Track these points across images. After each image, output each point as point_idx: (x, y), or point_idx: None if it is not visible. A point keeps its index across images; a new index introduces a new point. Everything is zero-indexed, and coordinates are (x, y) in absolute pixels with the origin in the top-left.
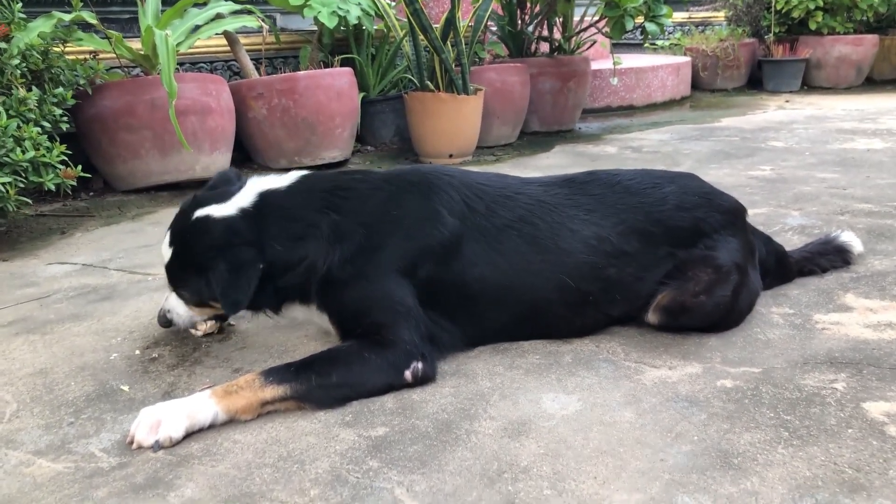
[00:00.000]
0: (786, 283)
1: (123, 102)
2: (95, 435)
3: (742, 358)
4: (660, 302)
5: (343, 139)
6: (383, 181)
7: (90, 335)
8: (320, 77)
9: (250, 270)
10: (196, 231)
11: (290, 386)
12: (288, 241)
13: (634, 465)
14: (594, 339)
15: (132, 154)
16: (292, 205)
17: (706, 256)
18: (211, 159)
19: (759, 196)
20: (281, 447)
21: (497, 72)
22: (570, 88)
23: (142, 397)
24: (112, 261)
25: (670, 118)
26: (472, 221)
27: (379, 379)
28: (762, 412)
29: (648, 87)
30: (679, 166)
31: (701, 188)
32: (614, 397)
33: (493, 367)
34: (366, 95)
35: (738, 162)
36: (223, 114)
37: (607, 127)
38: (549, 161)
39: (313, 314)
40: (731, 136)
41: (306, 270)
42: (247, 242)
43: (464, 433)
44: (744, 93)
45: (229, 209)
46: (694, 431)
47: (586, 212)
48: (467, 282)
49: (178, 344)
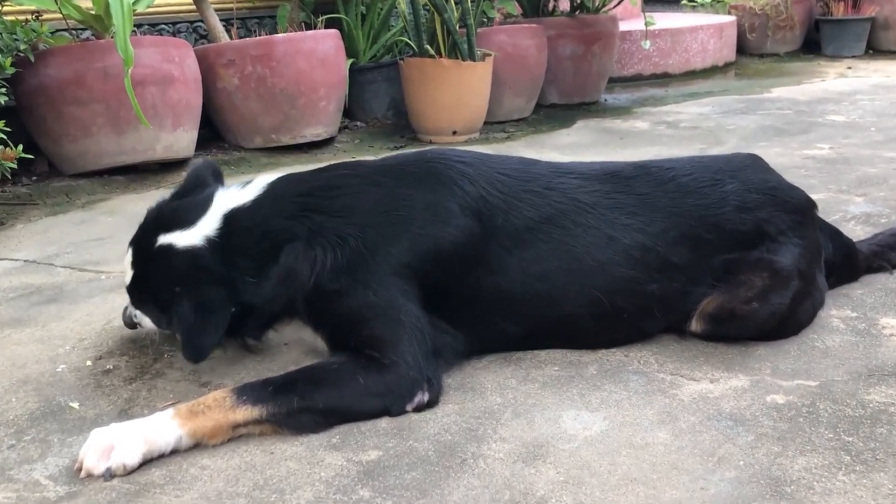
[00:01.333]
0: (851, 283)
1: (71, 71)
2: (40, 460)
3: (796, 369)
4: (705, 308)
5: (328, 114)
6: (379, 173)
7: (33, 343)
8: (301, 41)
9: (219, 314)
10: (159, 261)
11: (267, 407)
12: (261, 267)
13: (670, 495)
14: (623, 347)
15: (82, 131)
16: (259, 221)
17: (763, 259)
18: (174, 137)
19: (815, 179)
20: (257, 474)
21: (509, 34)
22: (594, 53)
23: (94, 416)
24: (59, 256)
25: (712, 88)
26: (490, 221)
27: (373, 406)
28: (819, 433)
29: (686, 52)
30: (722, 145)
31: (766, 182)
32: (646, 415)
33: (505, 380)
34: (355, 62)
35: (792, 140)
36: (188, 84)
37: (638, 98)
38: (570, 139)
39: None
40: (783, 110)
41: (289, 286)
42: (216, 280)
43: (470, 457)
44: (798, 58)
45: (194, 237)
46: (740, 455)
47: (629, 215)
48: (481, 292)
49: (136, 354)
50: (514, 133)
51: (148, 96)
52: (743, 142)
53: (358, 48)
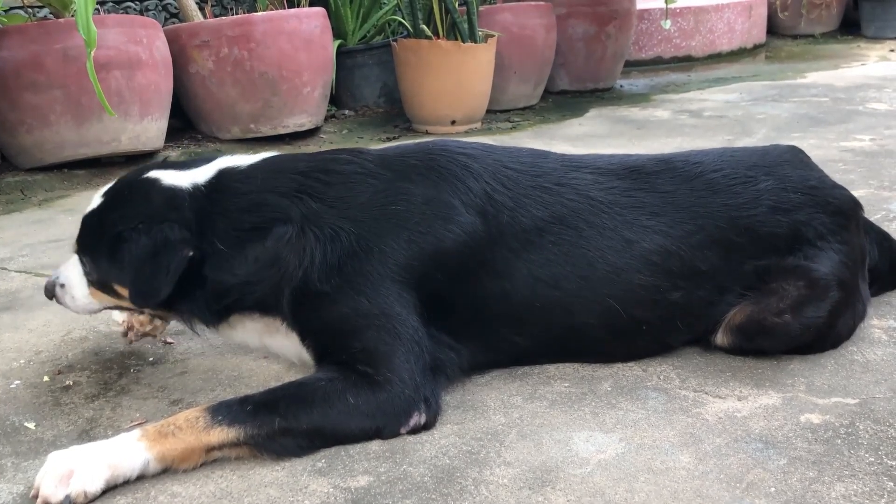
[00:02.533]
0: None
1: (27, 53)
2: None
3: (833, 385)
4: (732, 320)
5: (313, 101)
6: (379, 164)
7: None
8: (283, 20)
9: (177, 256)
10: (135, 191)
11: (245, 428)
12: (238, 238)
13: None
14: (641, 361)
15: (39, 120)
16: (252, 189)
17: (800, 266)
18: (141, 127)
19: (855, 174)
20: (233, 502)
21: (514, 13)
22: (608, 34)
23: (52, 437)
24: (13, 260)
25: (739, 73)
26: (496, 220)
27: (364, 429)
28: (859, 456)
29: (711, 33)
30: (750, 136)
31: (805, 180)
32: (667, 436)
33: (510, 398)
34: (343, 44)
35: (828, 130)
36: (157, 68)
37: (657, 84)
38: (582, 129)
39: (276, 335)
40: (818, 97)
41: (272, 274)
42: (184, 224)
43: (471, 483)
44: (835, 39)
45: (183, 180)
46: (770, 481)
47: (650, 215)
48: (485, 299)
49: (98, 368)
50: (520, 123)
51: (112, 81)
52: (774, 132)
53: (346, 28)
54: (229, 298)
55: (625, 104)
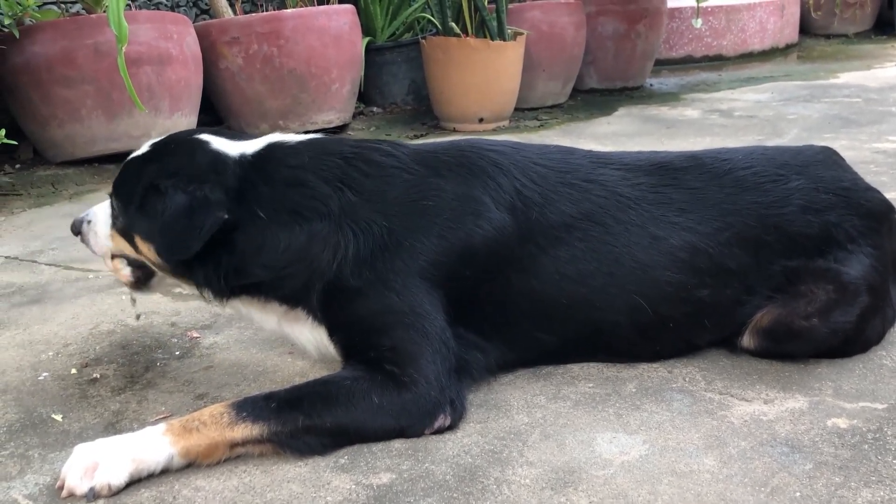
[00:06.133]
0: None
1: (59, 48)
2: (19, 477)
3: (861, 389)
4: (759, 322)
5: (341, 97)
6: (414, 160)
7: (14, 348)
8: (313, 17)
9: (208, 215)
10: (181, 147)
11: (269, 425)
12: (274, 207)
13: None
14: (666, 362)
15: (71, 115)
16: (297, 163)
17: (830, 269)
18: (171, 122)
19: (887, 176)
20: (256, 497)
21: (543, 10)
22: (638, 33)
23: (78, 429)
24: (43, 253)
25: (771, 72)
26: (526, 216)
27: (388, 428)
28: (887, 462)
29: (743, 32)
30: (781, 137)
31: (838, 181)
32: (691, 439)
33: (533, 398)
34: (371, 41)
35: (861, 131)
36: (187, 64)
37: (688, 83)
38: (611, 128)
39: (296, 324)
40: (851, 97)
41: (303, 269)
42: (221, 185)
43: (493, 483)
44: (869, 39)
45: (233, 148)
46: (796, 486)
47: (678, 212)
48: (512, 294)
49: (125, 362)
50: (548, 121)
51: (143, 77)
52: (805, 133)
53: (375, 25)
54: (246, 280)
55: (654, 103)
